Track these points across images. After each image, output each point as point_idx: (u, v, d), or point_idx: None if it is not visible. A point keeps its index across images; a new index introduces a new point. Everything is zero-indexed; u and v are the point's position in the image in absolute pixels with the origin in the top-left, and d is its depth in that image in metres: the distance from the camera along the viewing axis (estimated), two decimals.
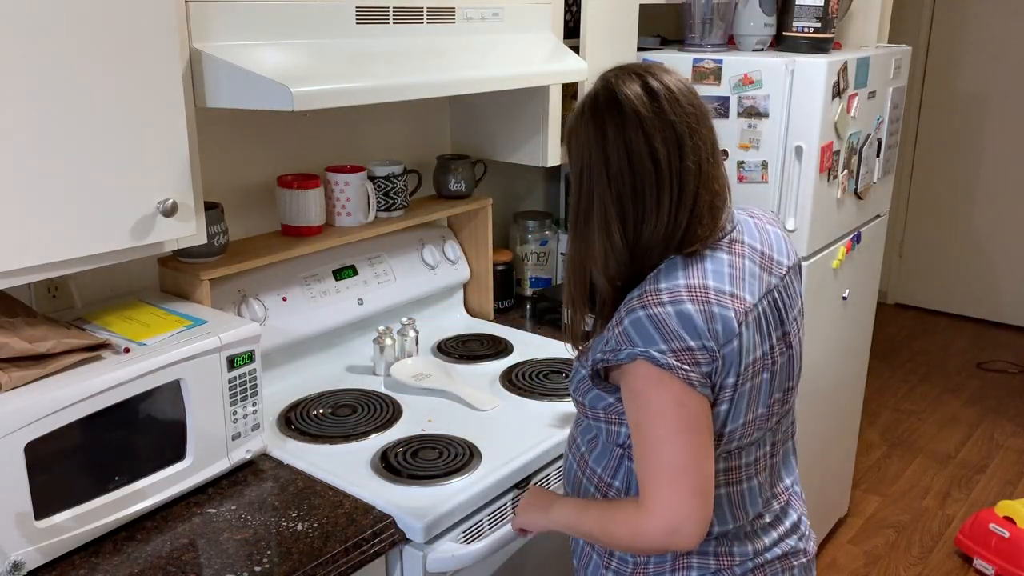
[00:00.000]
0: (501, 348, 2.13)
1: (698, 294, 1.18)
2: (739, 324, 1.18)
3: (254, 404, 1.57)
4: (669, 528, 1.17)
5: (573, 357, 1.36)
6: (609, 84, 1.23)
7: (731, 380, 1.19)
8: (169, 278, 1.71)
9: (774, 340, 1.25)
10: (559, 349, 2.14)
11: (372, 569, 1.43)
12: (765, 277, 1.26)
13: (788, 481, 1.39)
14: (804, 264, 2.32)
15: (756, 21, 2.42)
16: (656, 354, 1.15)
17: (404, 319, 2.03)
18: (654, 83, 1.21)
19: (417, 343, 2.03)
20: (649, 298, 1.18)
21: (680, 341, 1.15)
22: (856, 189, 2.54)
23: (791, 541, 1.36)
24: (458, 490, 1.52)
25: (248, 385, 1.55)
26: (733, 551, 1.30)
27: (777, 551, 1.34)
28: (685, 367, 1.15)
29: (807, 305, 2.37)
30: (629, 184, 1.20)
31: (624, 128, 1.19)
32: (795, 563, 1.36)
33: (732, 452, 1.26)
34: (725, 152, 2.33)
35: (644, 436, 1.19)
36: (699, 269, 1.21)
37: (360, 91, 1.51)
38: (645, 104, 1.19)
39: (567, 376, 1.96)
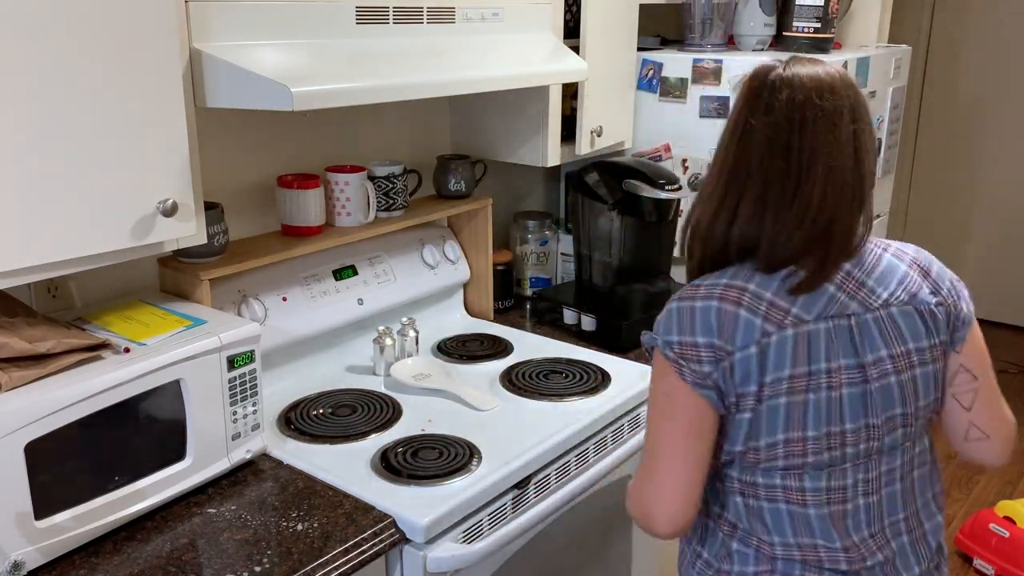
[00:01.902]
0: (501, 348, 2.13)
1: (732, 294, 1.19)
2: (766, 333, 1.17)
3: (254, 404, 1.57)
4: (643, 516, 1.24)
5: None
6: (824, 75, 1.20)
7: (752, 388, 1.18)
8: (169, 278, 1.71)
9: (835, 365, 1.19)
10: (559, 349, 2.14)
11: (372, 569, 1.43)
12: (841, 298, 1.21)
13: (896, 526, 1.30)
14: None
15: (756, 21, 2.42)
16: (662, 343, 1.21)
17: (404, 319, 2.03)
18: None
19: (417, 343, 2.03)
20: (688, 291, 1.22)
21: (689, 336, 1.18)
22: None
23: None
24: (458, 490, 1.52)
25: (248, 385, 1.55)
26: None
27: None
28: (682, 362, 1.19)
29: None
30: (780, 171, 1.18)
31: (815, 122, 1.18)
32: None
33: (786, 471, 1.23)
34: None
35: (649, 420, 1.25)
36: (751, 274, 1.21)
37: (360, 91, 1.51)
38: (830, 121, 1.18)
39: (566, 376, 1.97)
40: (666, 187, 2.20)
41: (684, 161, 2.41)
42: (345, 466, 1.60)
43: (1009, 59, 4.77)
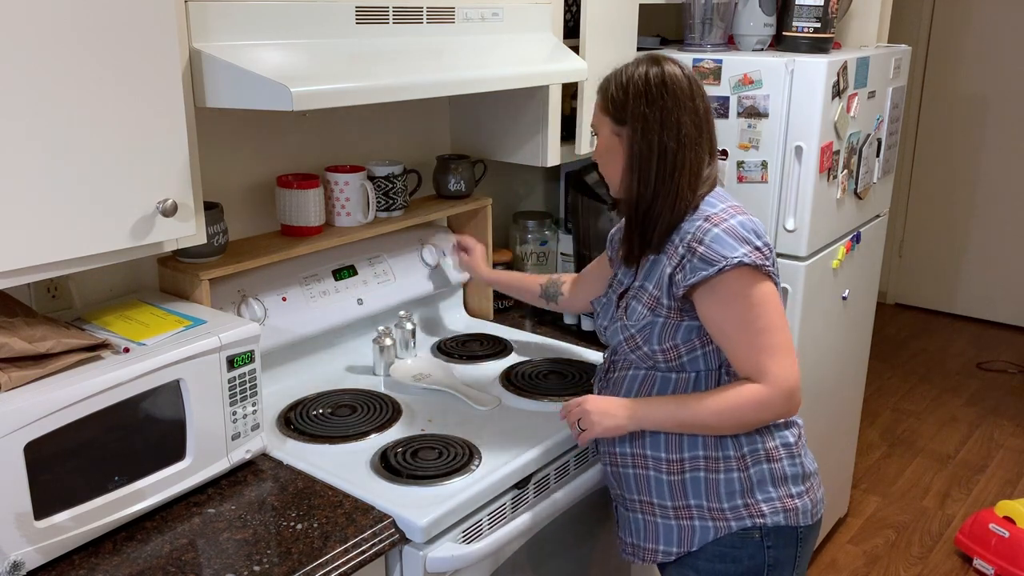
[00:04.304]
0: (501, 348, 2.13)
1: (735, 209, 1.48)
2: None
3: (254, 404, 1.57)
4: (790, 392, 1.44)
5: (634, 317, 1.53)
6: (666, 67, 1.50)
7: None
8: (168, 278, 1.71)
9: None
10: (559, 349, 2.14)
11: (372, 569, 1.43)
12: None
13: None
14: (804, 264, 2.32)
15: (756, 21, 2.42)
16: (746, 258, 1.40)
17: (402, 312, 2.03)
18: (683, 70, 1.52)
19: (415, 336, 2.04)
20: (715, 219, 1.45)
21: (751, 244, 1.43)
22: (856, 189, 2.54)
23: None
24: (458, 490, 1.52)
25: (248, 385, 1.55)
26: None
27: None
28: (767, 263, 1.43)
29: (807, 304, 2.38)
30: (694, 142, 1.48)
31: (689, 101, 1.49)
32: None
33: None
34: (724, 152, 2.33)
35: (753, 327, 1.42)
36: (717, 197, 1.50)
37: (360, 91, 1.51)
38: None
39: (566, 376, 1.97)
40: None
41: None
42: (345, 466, 1.60)
43: (1009, 59, 4.77)
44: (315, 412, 1.79)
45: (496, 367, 2.03)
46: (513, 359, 2.08)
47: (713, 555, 1.53)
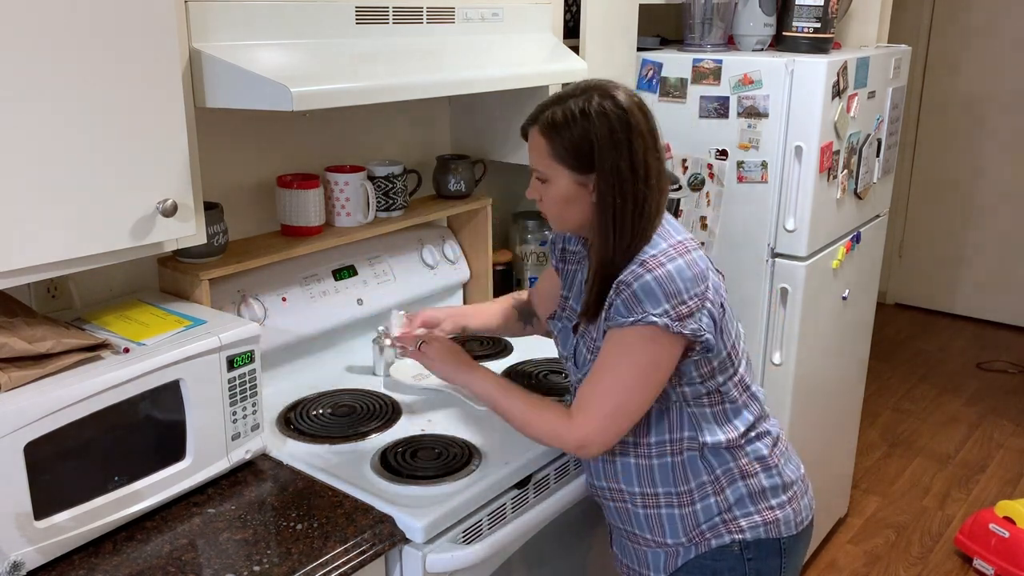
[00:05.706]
0: (501, 348, 2.13)
1: (679, 248, 1.38)
2: (708, 261, 1.42)
3: (254, 404, 1.57)
4: (580, 444, 1.40)
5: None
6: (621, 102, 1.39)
7: (722, 300, 1.42)
8: (168, 278, 1.71)
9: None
10: None
11: (372, 569, 1.43)
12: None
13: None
14: (804, 264, 2.32)
15: (756, 21, 2.42)
16: (660, 319, 1.32)
17: (402, 312, 2.03)
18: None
19: None
20: (650, 263, 1.35)
21: (678, 298, 1.33)
22: (856, 189, 2.54)
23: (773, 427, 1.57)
24: (458, 490, 1.52)
25: (248, 385, 1.55)
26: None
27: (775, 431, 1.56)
28: (686, 325, 1.33)
29: (807, 305, 2.38)
30: (659, 177, 1.40)
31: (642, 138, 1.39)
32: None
33: (739, 362, 1.49)
34: (724, 152, 2.34)
35: (610, 372, 1.38)
36: (661, 234, 1.40)
37: (360, 91, 1.51)
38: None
39: (566, 376, 1.96)
40: None
41: (684, 161, 2.41)
42: (345, 466, 1.60)
43: (1009, 59, 4.77)
44: (315, 412, 1.79)
45: (496, 367, 2.02)
46: (513, 359, 2.08)
47: (693, 567, 1.51)
